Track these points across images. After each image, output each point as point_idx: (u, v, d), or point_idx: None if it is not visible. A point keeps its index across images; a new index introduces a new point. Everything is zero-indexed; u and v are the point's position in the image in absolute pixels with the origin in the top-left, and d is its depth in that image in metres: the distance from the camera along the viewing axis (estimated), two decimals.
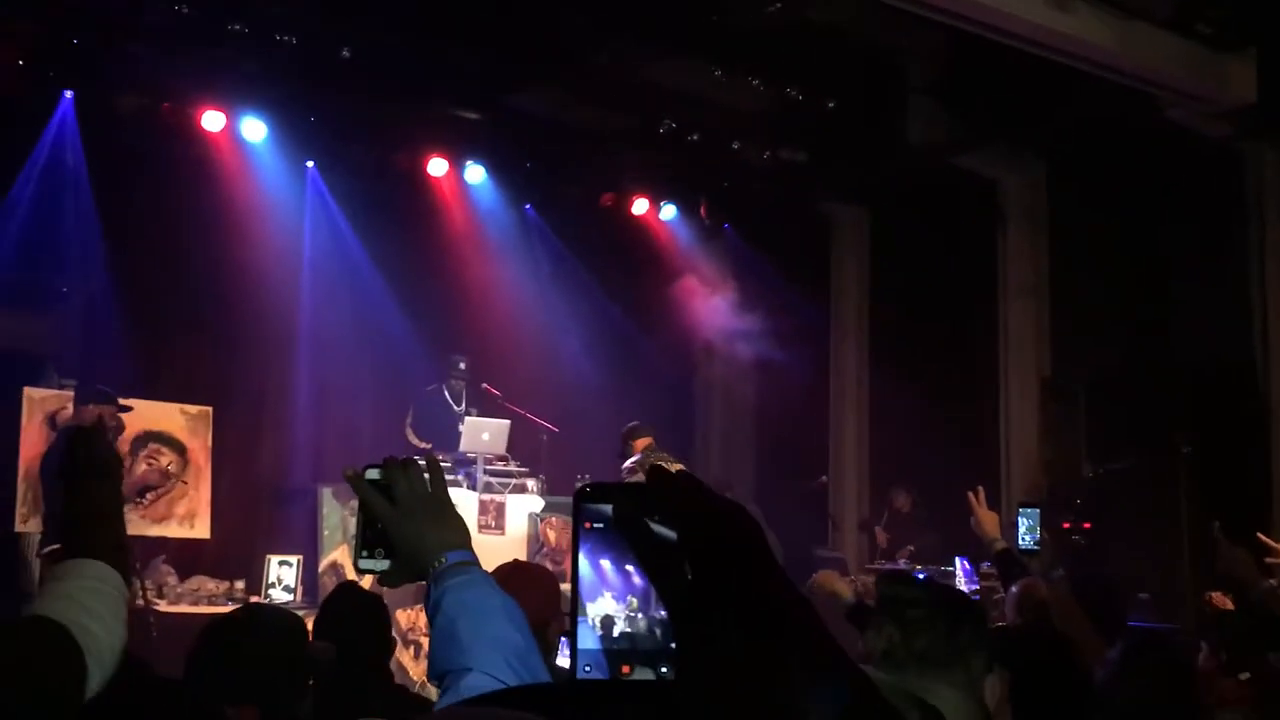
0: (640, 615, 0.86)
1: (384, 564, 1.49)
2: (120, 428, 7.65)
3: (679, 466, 7.87)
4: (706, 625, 0.76)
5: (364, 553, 1.50)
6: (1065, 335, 9.84)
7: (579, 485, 0.89)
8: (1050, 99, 8.60)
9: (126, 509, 7.21)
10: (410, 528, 1.48)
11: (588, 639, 0.86)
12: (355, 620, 3.44)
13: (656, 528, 0.82)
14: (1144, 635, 4.09)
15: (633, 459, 7.93)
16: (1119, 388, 9.26)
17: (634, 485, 0.85)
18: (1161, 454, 8.52)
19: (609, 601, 0.86)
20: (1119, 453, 9.01)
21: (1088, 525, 8.90)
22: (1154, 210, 9.13)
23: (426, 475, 1.53)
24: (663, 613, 0.84)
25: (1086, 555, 8.77)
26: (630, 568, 0.86)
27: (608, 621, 0.86)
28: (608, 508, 0.87)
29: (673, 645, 0.83)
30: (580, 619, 0.86)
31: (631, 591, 0.86)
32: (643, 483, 0.83)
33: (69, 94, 8.37)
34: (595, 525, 0.87)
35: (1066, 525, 9.02)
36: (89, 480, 1.92)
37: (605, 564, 0.87)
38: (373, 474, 1.51)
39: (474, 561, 1.50)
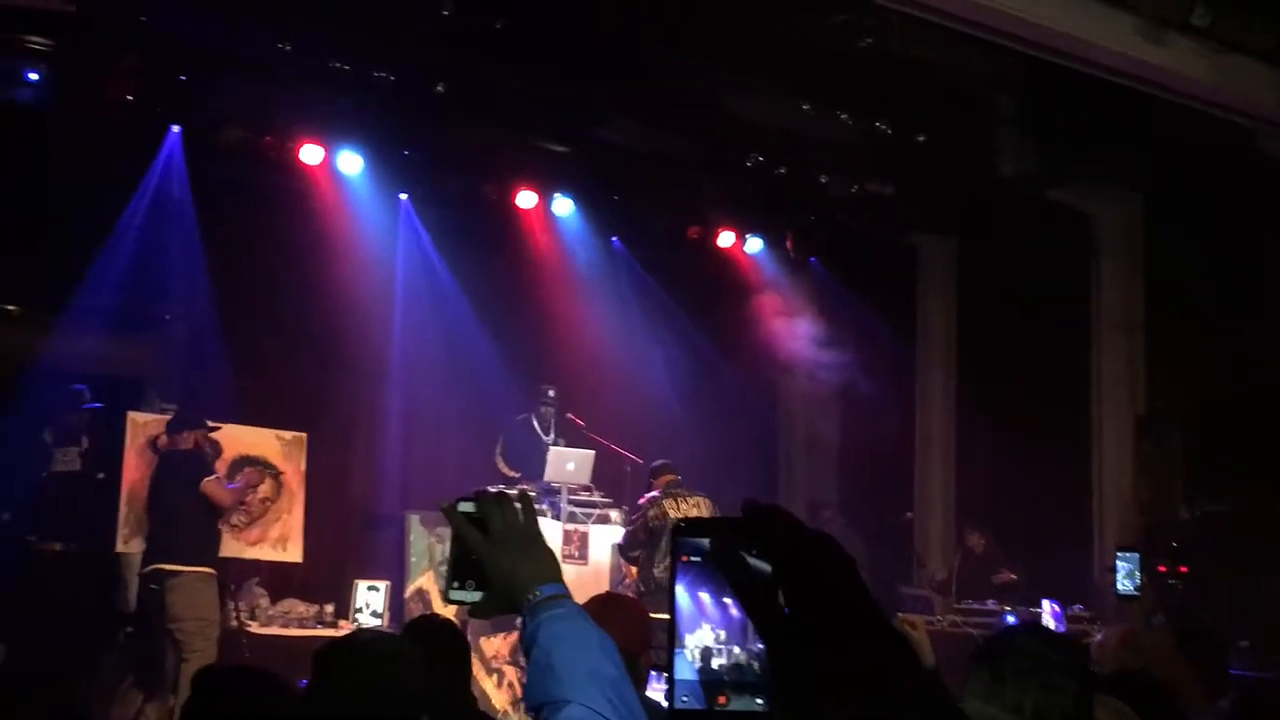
0: (738, 646, 0.88)
1: (476, 595, 1.51)
2: (217, 450, 7.86)
3: (698, 499, 7.88)
4: (802, 656, 0.78)
5: (455, 584, 1.52)
6: (1161, 371, 9.61)
7: (675, 520, 0.92)
8: (1144, 130, 8.44)
9: (224, 529, 7.43)
10: (504, 560, 1.50)
11: (685, 670, 0.88)
12: (438, 651, 3.48)
13: (752, 561, 0.84)
14: (1254, 686, 3.97)
15: (650, 494, 7.99)
16: (1218, 426, 9.01)
17: (730, 519, 0.88)
18: (1262, 495, 8.26)
19: (707, 633, 0.89)
20: (1217, 493, 8.76)
21: (1184, 569, 8.65)
22: (1254, 242, 8.90)
23: (518, 507, 1.57)
24: (760, 644, 0.87)
25: (1185, 600, 8.52)
26: (728, 600, 0.88)
27: (706, 653, 0.88)
28: (704, 542, 0.89)
29: (769, 676, 0.85)
30: (678, 650, 0.89)
31: (729, 623, 0.88)
32: (739, 517, 0.86)
33: (176, 129, 8.67)
34: (693, 559, 0.90)
35: (1163, 569, 8.77)
36: None
37: (704, 596, 0.89)
38: (466, 506, 1.54)
39: (567, 594, 1.52)
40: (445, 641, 3.55)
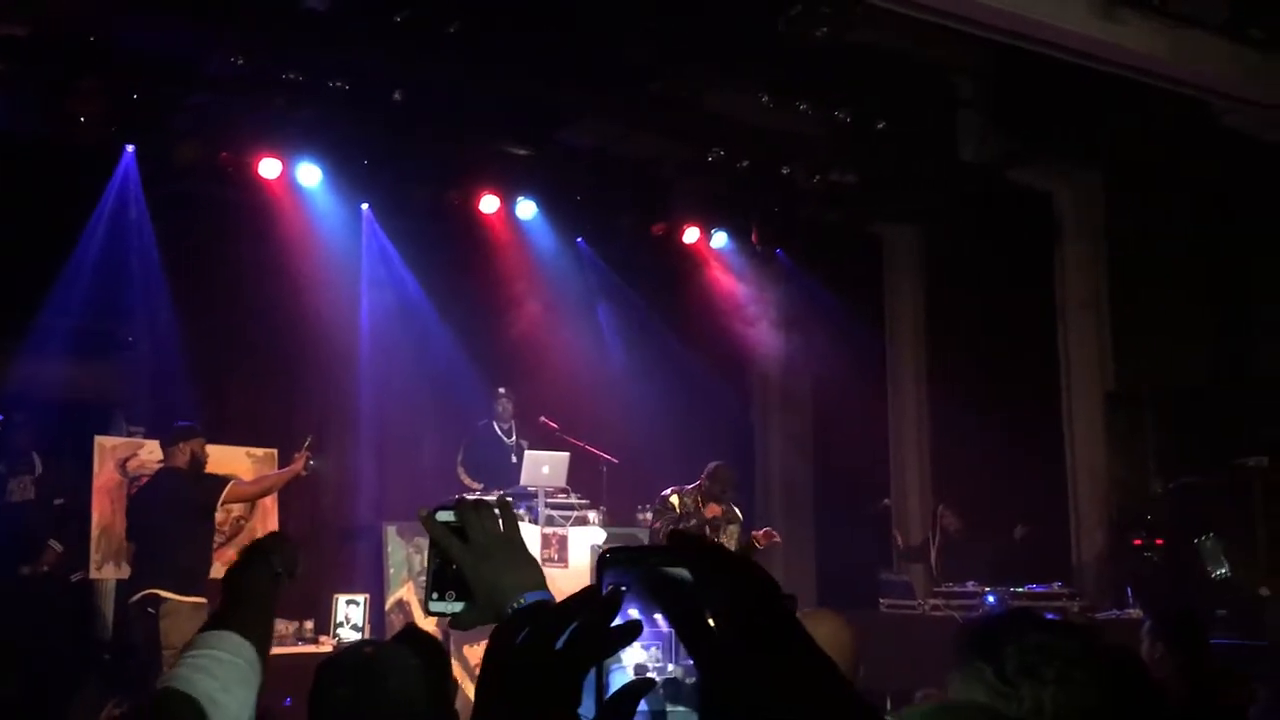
0: (672, 663, 0.87)
1: (457, 606, 1.47)
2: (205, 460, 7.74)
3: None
4: (729, 672, 0.79)
5: (434, 595, 1.47)
6: (1129, 348, 9.68)
7: (600, 551, 0.92)
8: (1103, 108, 8.50)
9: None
10: (486, 569, 1.46)
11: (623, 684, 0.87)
12: (427, 659, 3.45)
13: (677, 573, 0.85)
14: None
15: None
16: (1189, 400, 9.09)
17: (656, 548, 0.88)
18: (1235, 466, 8.34)
19: (639, 650, 0.88)
20: (1190, 466, 8.83)
21: (1160, 541, 8.73)
22: (1216, 217, 8.98)
23: (498, 514, 1.54)
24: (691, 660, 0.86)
25: (1160, 571, 8.61)
26: (659, 616, 0.87)
27: (640, 669, 0.87)
28: (631, 570, 0.88)
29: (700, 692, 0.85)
30: (616, 666, 0.88)
31: (661, 639, 0.88)
32: (665, 546, 0.87)
33: (130, 148, 8.58)
34: (620, 587, 0.89)
35: (1138, 542, 8.85)
36: (262, 571, 2.01)
37: (633, 613, 0.88)
38: (445, 515, 1.49)
39: (551, 601, 1.49)
40: (431, 651, 3.51)
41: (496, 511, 1.52)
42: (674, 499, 8.55)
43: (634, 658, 0.83)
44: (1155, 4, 6.93)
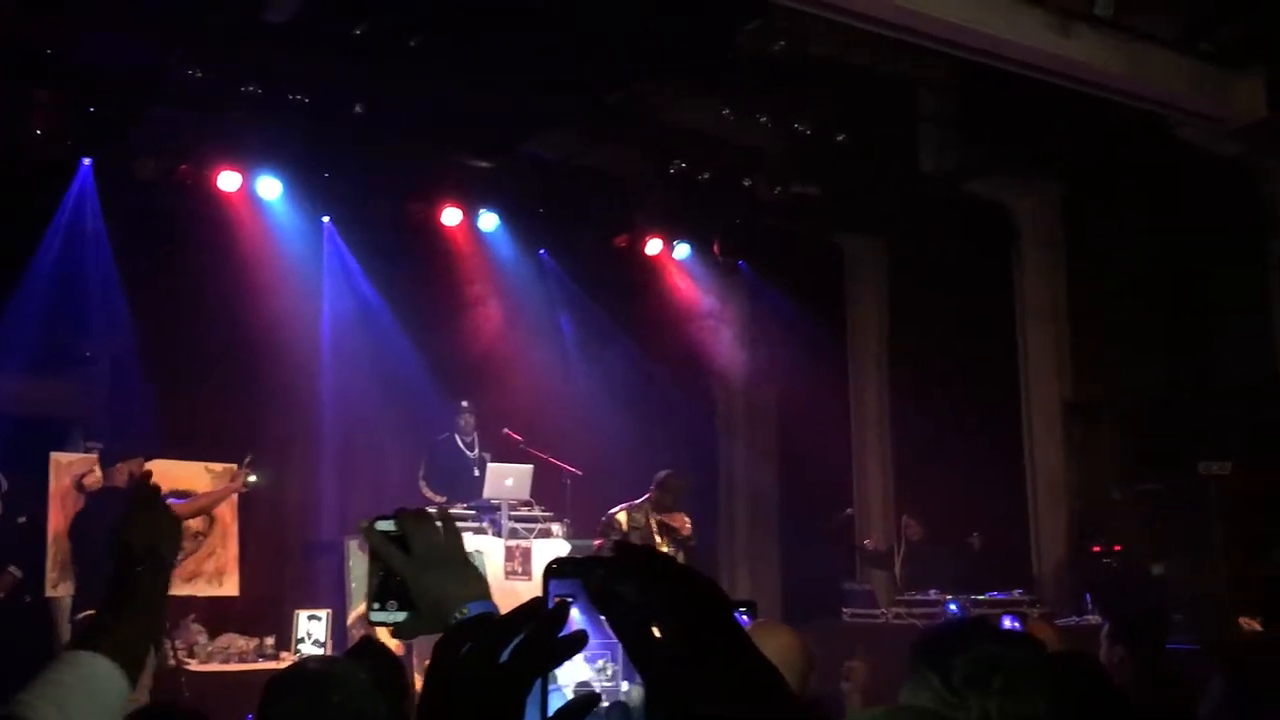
0: (627, 681, 0.87)
1: (399, 616, 1.47)
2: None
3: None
4: (679, 691, 0.79)
5: (376, 605, 1.47)
6: (1087, 357, 9.79)
7: (548, 563, 0.91)
8: (1060, 121, 8.60)
9: None
10: (429, 580, 1.46)
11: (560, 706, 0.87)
12: (381, 672, 3.43)
13: (621, 584, 0.85)
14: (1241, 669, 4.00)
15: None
16: (1146, 409, 9.20)
17: (603, 559, 0.88)
18: (1192, 474, 8.44)
19: (582, 666, 0.88)
20: (1149, 474, 8.93)
21: (1118, 548, 8.83)
22: (1172, 229, 9.10)
23: (440, 525, 1.54)
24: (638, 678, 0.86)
25: (1117, 578, 8.70)
26: (603, 619, 0.87)
27: (583, 686, 0.87)
28: (577, 582, 0.88)
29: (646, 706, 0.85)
30: (553, 688, 0.87)
31: (610, 651, 0.87)
32: (612, 556, 0.86)
33: (87, 161, 8.50)
34: (567, 599, 0.89)
35: (1097, 549, 8.95)
36: (137, 565, 1.79)
37: (575, 615, 0.88)
38: (386, 525, 1.49)
39: (495, 612, 1.49)
40: (386, 666, 3.50)
41: (438, 523, 1.52)
42: (621, 516, 8.52)
43: (578, 673, 0.83)
44: (1106, 19, 7.02)
